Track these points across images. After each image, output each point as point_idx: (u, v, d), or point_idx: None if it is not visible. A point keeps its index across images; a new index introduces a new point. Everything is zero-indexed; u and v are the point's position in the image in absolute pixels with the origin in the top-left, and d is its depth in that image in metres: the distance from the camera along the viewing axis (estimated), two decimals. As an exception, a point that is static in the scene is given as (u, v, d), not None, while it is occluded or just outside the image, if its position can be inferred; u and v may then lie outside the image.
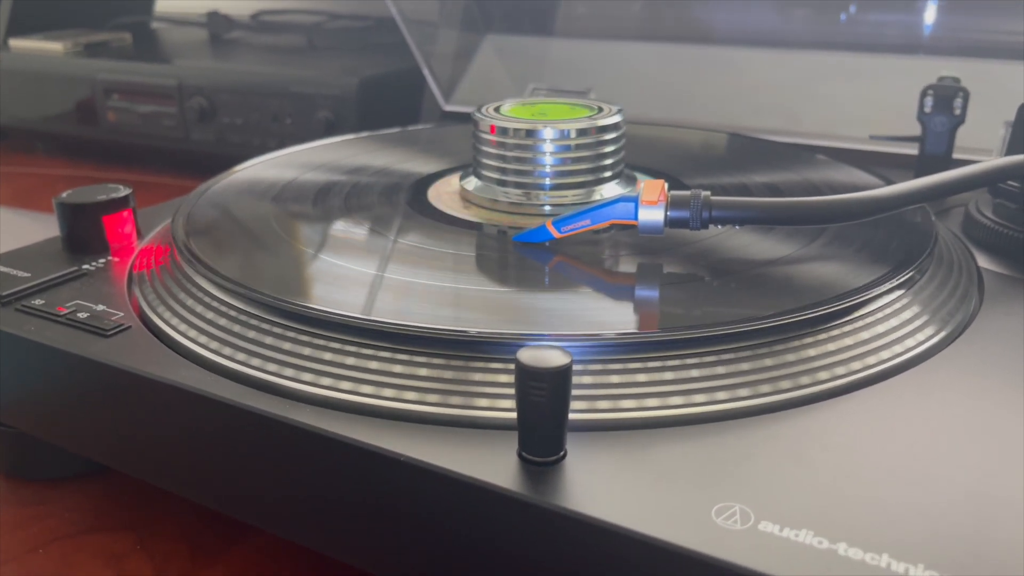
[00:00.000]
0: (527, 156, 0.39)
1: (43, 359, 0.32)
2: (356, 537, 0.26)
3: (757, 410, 0.26)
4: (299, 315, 0.29)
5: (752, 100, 0.62)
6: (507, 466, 0.23)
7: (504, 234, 0.37)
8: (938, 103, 0.47)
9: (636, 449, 0.24)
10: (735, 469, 0.23)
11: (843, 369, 0.27)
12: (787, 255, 0.34)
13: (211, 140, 0.75)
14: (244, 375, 0.28)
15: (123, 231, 0.40)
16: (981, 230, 0.39)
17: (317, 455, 0.26)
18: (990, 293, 0.34)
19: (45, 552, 0.33)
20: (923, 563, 0.19)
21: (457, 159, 0.48)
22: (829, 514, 0.21)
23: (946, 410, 0.26)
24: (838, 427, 0.25)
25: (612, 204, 0.33)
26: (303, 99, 0.70)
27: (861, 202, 0.32)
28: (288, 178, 0.45)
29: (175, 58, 0.84)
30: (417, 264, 0.34)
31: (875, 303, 0.30)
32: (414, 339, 0.28)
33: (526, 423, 0.23)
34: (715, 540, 0.20)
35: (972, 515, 0.21)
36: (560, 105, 0.42)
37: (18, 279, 0.36)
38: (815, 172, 0.45)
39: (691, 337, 0.27)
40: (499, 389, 0.26)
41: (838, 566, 0.20)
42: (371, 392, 0.27)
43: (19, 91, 0.84)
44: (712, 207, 0.32)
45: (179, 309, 0.32)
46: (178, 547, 0.34)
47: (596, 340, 0.27)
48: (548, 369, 0.22)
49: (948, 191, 0.34)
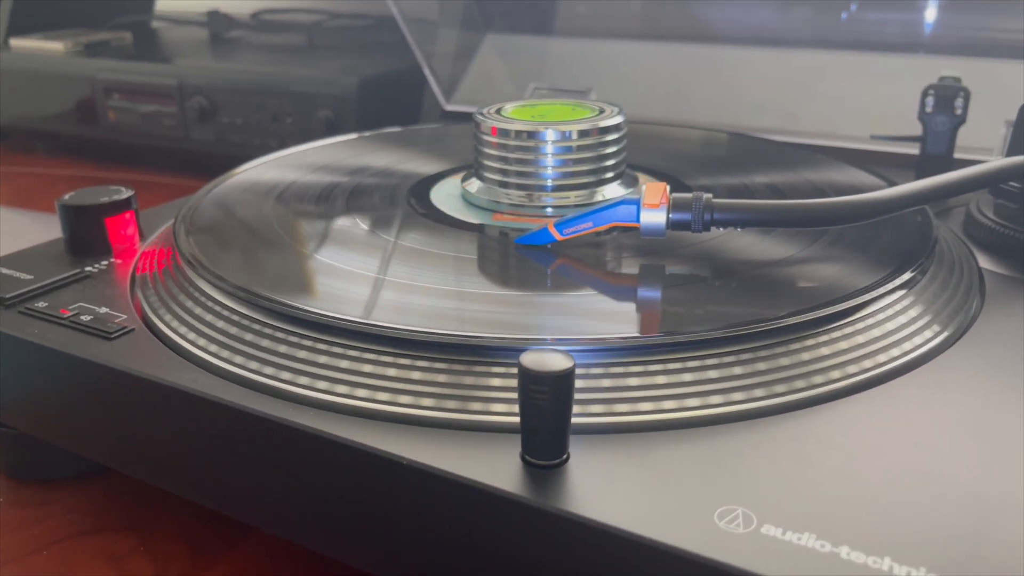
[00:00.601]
0: (529, 158, 0.39)
1: (46, 361, 0.32)
2: (358, 539, 0.27)
3: (758, 413, 0.26)
4: (300, 319, 0.29)
5: (752, 99, 0.62)
6: (509, 469, 0.23)
7: (506, 236, 0.37)
8: (939, 103, 0.47)
9: (638, 452, 0.24)
10: (737, 472, 0.23)
11: (844, 371, 0.27)
12: (788, 257, 0.34)
13: (211, 140, 0.75)
14: (246, 379, 0.28)
15: (125, 233, 0.40)
16: (982, 231, 0.39)
17: (319, 458, 0.26)
18: (991, 294, 0.34)
19: (46, 553, 0.34)
20: (925, 566, 0.20)
21: (459, 159, 0.48)
22: (832, 517, 0.21)
23: (949, 412, 0.26)
24: (839, 429, 0.25)
25: (614, 207, 0.33)
26: (303, 98, 0.70)
27: (863, 204, 0.32)
28: (290, 179, 0.45)
29: (175, 57, 0.83)
30: (419, 266, 0.34)
31: (876, 304, 0.30)
32: (417, 343, 0.28)
33: (528, 426, 0.23)
34: (717, 543, 0.20)
35: (975, 517, 0.21)
36: (561, 106, 0.42)
37: (21, 281, 0.36)
38: (816, 172, 0.45)
39: (693, 340, 0.27)
40: (502, 393, 0.26)
41: (841, 570, 0.20)
42: (373, 396, 0.27)
43: (19, 91, 0.84)
44: (714, 209, 0.32)
45: (182, 313, 0.32)
46: (179, 547, 0.34)
47: (599, 343, 0.27)
48: (550, 373, 0.22)
49: (950, 192, 0.34)
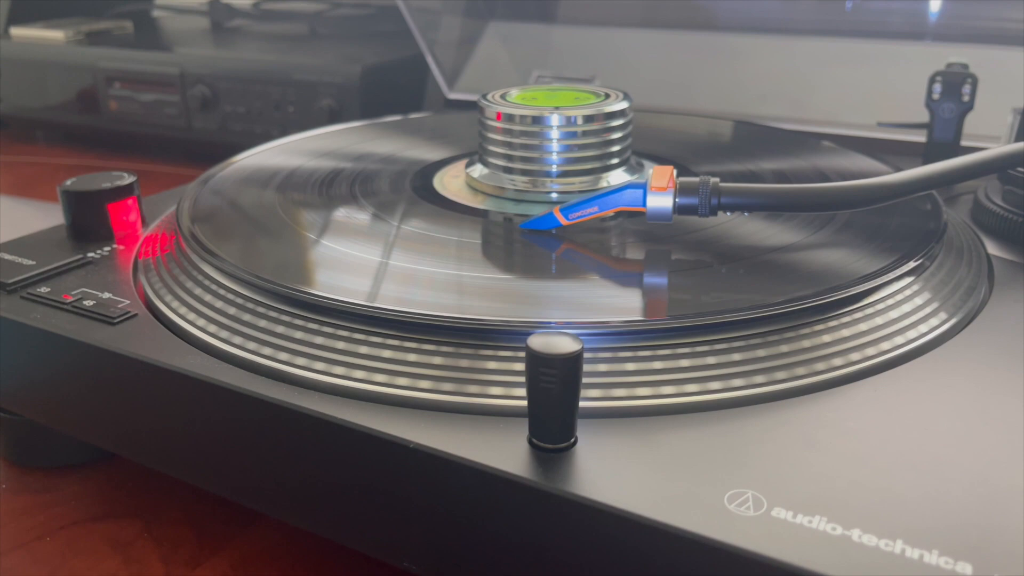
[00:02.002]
0: (534, 143, 0.38)
1: (49, 347, 0.32)
2: (364, 523, 0.26)
3: (768, 397, 0.26)
4: (302, 302, 0.29)
5: (758, 87, 0.61)
6: (517, 453, 0.23)
7: (511, 221, 0.37)
8: (946, 89, 0.47)
9: (647, 436, 0.24)
10: (747, 456, 0.23)
11: (853, 357, 0.27)
12: (796, 242, 0.34)
13: (213, 128, 0.75)
14: (250, 362, 0.28)
15: (128, 219, 0.39)
16: (990, 217, 0.38)
17: (325, 442, 0.26)
18: (1000, 280, 0.34)
19: (52, 539, 0.33)
20: (938, 549, 0.19)
21: (463, 146, 0.48)
22: (842, 500, 0.21)
23: (958, 397, 0.26)
24: (850, 414, 0.25)
25: (620, 191, 0.33)
26: (306, 87, 0.70)
27: (871, 188, 0.32)
28: (293, 165, 0.45)
29: (177, 46, 0.83)
30: (424, 251, 0.34)
31: (885, 290, 0.30)
32: (423, 327, 0.27)
33: (536, 410, 0.23)
34: (728, 526, 0.20)
35: (985, 501, 0.21)
36: (566, 92, 0.42)
37: (23, 267, 0.36)
38: (822, 159, 0.45)
39: (701, 324, 0.27)
40: (508, 377, 0.26)
41: (853, 552, 0.19)
42: (380, 380, 0.26)
43: (20, 80, 0.84)
44: (721, 193, 0.32)
45: (185, 296, 0.32)
46: (184, 533, 0.34)
47: (606, 327, 0.27)
48: (559, 356, 0.22)
49: (958, 178, 0.34)
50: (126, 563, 0.32)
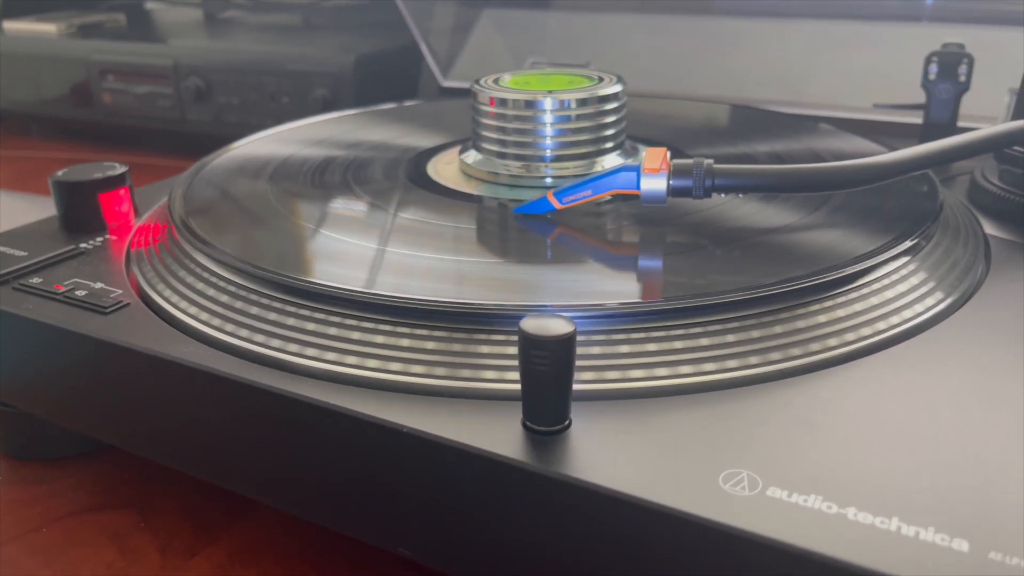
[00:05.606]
0: (527, 128, 0.38)
1: (42, 337, 0.32)
2: (359, 509, 0.26)
3: (763, 378, 0.25)
4: (295, 289, 0.29)
5: (754, 71, 0.61)
6: (511, 436, 0.23)
7: (505, 207, 0.37)
8: (943, 70, 0.46)
9: (641, 417, 0.24)
10: (742, 436, 0.23)
11: (848, 337, 0.27)
12: (791, 223, 0.34)
13: (208, 120, 0.74)
14: (243, 349, 0.28)
15: (120, 209, 0.39)
16: (987, 196, 0.38)
17: (318, 428, 0.26)
18: (997, 259, 0.33)
19: (49, 530, 0.33)
20: (934, 526, 0.19)
21: (457, 133, 0.47)
22: (837, 479, 0.21)
23: (953, 376, 0.25)
24: (845, 393, 0.25)
25: (614, 174, 0.33)
26: (299, 77, 0.70)
27: (865, 168, 0.32)
28: (286, 154, 0.45)
29: (170, 38, 0.83)
30: (418, 237, 0.33)
31: (881, 269, 0.30)
32: (417, 312, 0.27)
33: (530, 392, 0.23)
34: (723, 506, 0.20)
35: (980, 479, 0.21)
36: (560, 76, 0.42)
37: (15, 258, 0.35)
38: (819, 142, 0.45)
39: (696, 306, 0.27)
40: (502, 360, 0.26)
41: (848, 530, 0.19)
42: (373, 365, 0.26)
43: (13, 74, 0.84)
44: (715, 175, 0.32)
45: (178, 285, 0.32)
46: (181, 523, 0.34)
47: (599, 309, 0.27)
48: (551, 337, 0.22)
49: (952, 157, 0.34)
50: (123, 553, 0.32)
